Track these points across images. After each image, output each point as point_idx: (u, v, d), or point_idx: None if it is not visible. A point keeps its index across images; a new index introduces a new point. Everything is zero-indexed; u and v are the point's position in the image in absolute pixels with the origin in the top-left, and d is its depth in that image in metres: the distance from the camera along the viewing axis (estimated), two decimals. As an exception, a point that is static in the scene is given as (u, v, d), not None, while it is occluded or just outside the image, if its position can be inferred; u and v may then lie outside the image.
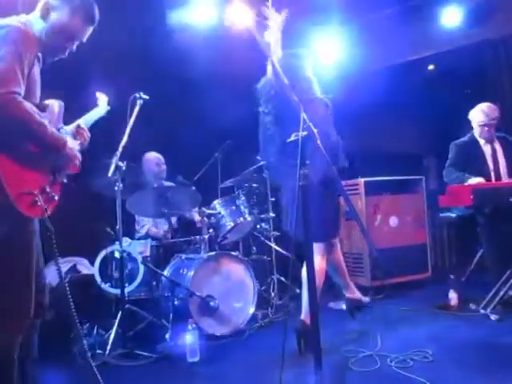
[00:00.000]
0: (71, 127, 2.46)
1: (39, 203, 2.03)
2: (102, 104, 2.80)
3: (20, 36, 2.00)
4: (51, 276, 3.97)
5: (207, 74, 4.88)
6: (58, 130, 2.25)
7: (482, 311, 3.86)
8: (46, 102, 2.26)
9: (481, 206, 3.95)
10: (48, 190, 2.12)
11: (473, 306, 4.00)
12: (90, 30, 2.27)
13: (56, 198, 2.19)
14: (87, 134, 2.49)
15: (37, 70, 2.14)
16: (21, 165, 1.99)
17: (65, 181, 2.29)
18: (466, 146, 4.38)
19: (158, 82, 4.78)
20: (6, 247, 2.00)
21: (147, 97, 3.60)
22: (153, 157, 4.70)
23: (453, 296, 4.19)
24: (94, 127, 2.64)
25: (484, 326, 3.62)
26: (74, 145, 2.25)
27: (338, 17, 5.02)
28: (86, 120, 2.65)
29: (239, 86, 5.21)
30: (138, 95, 3.56)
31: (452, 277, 4.29)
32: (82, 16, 2.21)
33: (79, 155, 2.27)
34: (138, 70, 4.78)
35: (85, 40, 2.29)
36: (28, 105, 1.98)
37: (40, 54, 2.19)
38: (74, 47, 2.27)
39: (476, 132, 4.35)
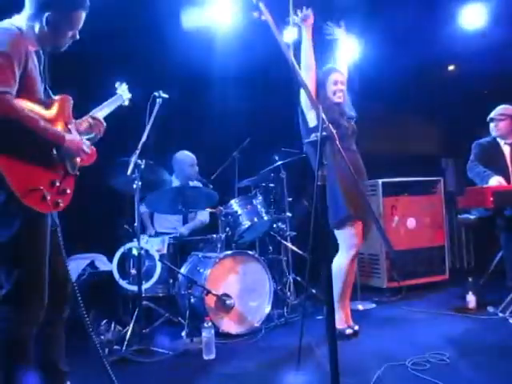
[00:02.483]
0: (85, 118, 2.49)
1: (48, 198, 2.06)
2: (123, 92, 2.80)
3: (7, 37, 2.03)
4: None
5: (225, 74, 4.90)
6: (66, 124, 2.27)
7: (501, 314, 3.82)
8: (55, 97, 2.29)
9: (501, 208, 3.91)
10: (58, 184, 2.15)
11: (491, 309, 3.96)
12: (84, 15, 2.27)
13: (68, 191, 2.22)
14: (102, 124, 2.53)
15: (34, 67, 2.16)
16: (24, 162, 2.03)
17: (77, 173, 2.31)
18: (488, 145, 4.41)
19: (175, 80, 4.81)
20: (17, 242, 2.05)
21: (166, 96, 3.62)
22: (189, 158, 4.63)
23: (471, 298, 4.14)
24: (112, 126, 2.66)
25: (502, 328, 3.59)
26: (75, 137, 2.25)
27: (357, 18, 5.00)
28: (103, 109, 2.66)
29: (257, 85, 5.24)
30: (157, 94, 3.58)
31: (470, 279, 4.24)
32: (73, 6, 2.22)
33: (85, 147, 2.28)
34: (156, 69, 4.82)
35: (80, 27, 2.29)
36: (19, 103, 2.00)
37: (39, 51, 2.23)
38: (77, 35, 2.29)
39: None
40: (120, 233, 4.02)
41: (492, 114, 4.40)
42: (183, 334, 3.53)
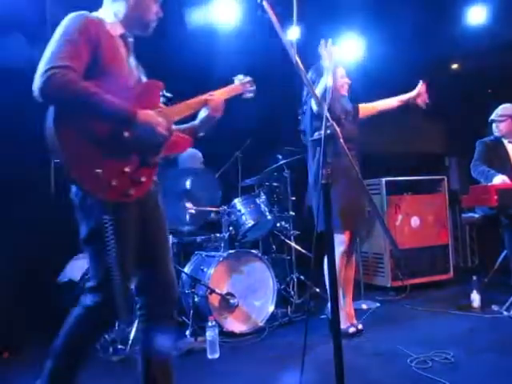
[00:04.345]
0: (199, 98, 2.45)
1: (113, 184, 1.91)
2: (240, 81, 2.67)
3: (77, 20, 1.97)
4: (74, 271, 4.06)
5: (228, 72, 4.89)
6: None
7: (505, 313, 3.81)
8: (141, 82, 2.29)
9: (505, 206, 3.91)
10: (128, 170, 1.98)
11: (495, 308, 3.95)
12: None
13: (143, 179, 2.04)
14: (220, 103, 2.47)
15: (117, 52, 2.09)
16: (91, 145, 1.89)
17: (158, 162, 2.16)
18: (491, 144, 4.41)
19: (178, 79, 4.81)
20: (96, 237, 1.95)
21: (170, 95, 3.61)
22: (198, 154, 4.64)
23: (475, 297, 4.13)
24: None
25: (507, 327, 3.58)
26: (152, 114, 2.07)
27: (361, 15, 5.00)
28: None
29: (260, 84, 5.23)
30: (161, 93, 3.57)
31: (474, 278, 4.24)
32: None
33: (161, 129, 2.06)
34: (158, 69, 4.81)
35: None
36: (81, 80, 1.89)
37: (126, 34, 2.18)
38: (160, 12, 2.27)
39: None
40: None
41: (492, 116, 4.41)
42: (187, 333, 3.55)
